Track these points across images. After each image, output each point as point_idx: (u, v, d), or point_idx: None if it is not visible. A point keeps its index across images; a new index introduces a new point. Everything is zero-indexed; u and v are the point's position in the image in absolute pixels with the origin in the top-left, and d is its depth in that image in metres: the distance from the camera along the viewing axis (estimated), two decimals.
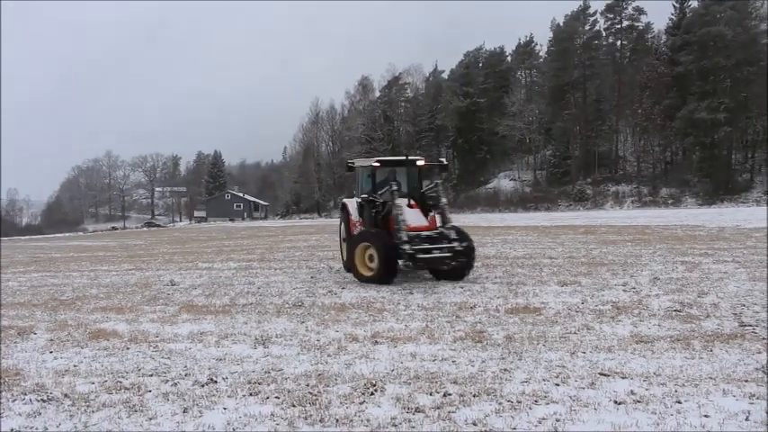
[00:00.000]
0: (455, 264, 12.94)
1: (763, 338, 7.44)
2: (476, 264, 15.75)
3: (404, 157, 14.69)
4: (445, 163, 16.51)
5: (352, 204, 15.07)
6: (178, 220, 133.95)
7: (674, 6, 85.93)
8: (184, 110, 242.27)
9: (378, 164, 14.64)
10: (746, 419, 4.88)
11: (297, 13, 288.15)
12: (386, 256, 12.78)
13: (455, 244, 12.88)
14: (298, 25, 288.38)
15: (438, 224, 13.68)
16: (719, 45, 72.97)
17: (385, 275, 12.89)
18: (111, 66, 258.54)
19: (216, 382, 6.34)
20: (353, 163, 15.33)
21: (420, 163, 14.88)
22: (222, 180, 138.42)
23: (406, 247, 12.48)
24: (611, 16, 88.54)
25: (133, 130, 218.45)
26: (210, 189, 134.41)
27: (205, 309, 10.89)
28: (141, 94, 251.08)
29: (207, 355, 7.50)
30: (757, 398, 5.34)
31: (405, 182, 14.87)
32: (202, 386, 6.20)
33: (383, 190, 14.37)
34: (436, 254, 12.72)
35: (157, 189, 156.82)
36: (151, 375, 6.65)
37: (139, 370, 6.88)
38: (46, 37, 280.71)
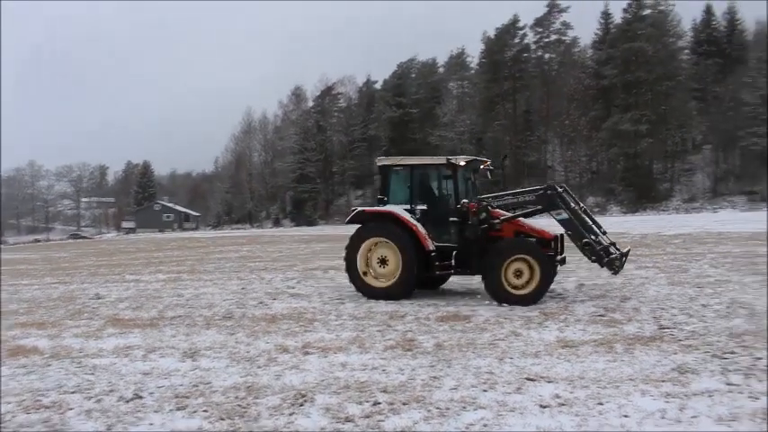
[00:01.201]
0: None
1: (680, 340, 7.75)
2: None
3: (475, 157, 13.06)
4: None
5: (403, 213, 12.11)
6: (105, 231, 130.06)
7: (599, 22, 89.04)
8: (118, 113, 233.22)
9: (464, 162, 12.39)
10: (662, 418, 5.08)
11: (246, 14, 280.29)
12: (550, 271, 11.28)
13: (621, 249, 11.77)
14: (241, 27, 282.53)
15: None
16: (641, 60, 75.84)
17: (545, 292, 11.24)
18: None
19: (142, 397, 6.19)
20: (456, 160, 12.17)
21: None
22: (152, 190, 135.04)
23: (614, 253, 11.19)
24: (540, 30, 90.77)
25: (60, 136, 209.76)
26: (139, 199, 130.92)
27: (132, 322, 10.62)
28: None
29: (133, 369, 7.32)
30: (672, 397, 5.57)
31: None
32: (127, 402, 6.05)
33: (510, 192, 12.67)
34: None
35: (84, 199, 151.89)
36: (73, 392, 6.44)
37: (61, 387, 6.65)
38: None
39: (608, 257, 11.17)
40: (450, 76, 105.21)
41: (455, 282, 13.92)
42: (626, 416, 5.16)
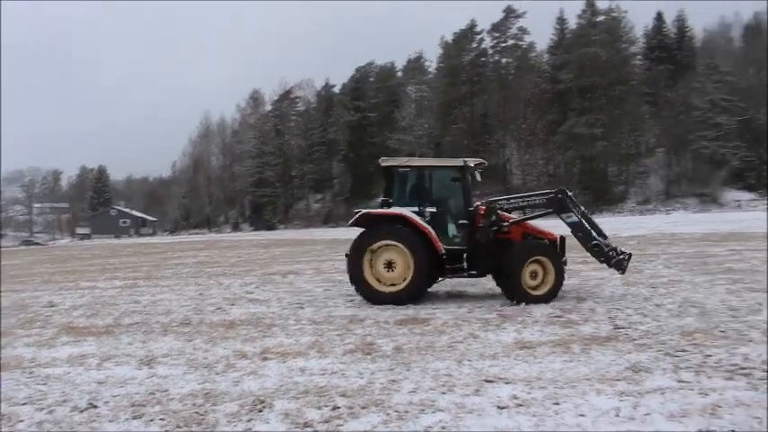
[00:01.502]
0: None
1: (634, 339, 7.91)
2: None
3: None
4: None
5: (413, 215, 11.75)
6: (59, 237, 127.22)
7: (554, 28, 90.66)
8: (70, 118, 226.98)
9: (474, 164, 12.54)
10: (617, 416, 5.18)
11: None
12: (563, 271, 11.65)
13: None
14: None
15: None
16: (595, 65, 77.42)
17: (558, 291, 11.54)
18: None
19: (96, 406, 6.07)
20: (469, 162, 12.27)
21: None
22: (107, 195, 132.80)
23: (621, 254, 11.75)
24: (497, 35, 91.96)
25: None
26: (95, 205, 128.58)
27: (86, 330, 10.40)
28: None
29: (87, 378, 7.17)
30: (627, 395, 5.69)
31: None
32: (81, 412, 5.93)
33: (519, 195, 13.07)
34: None
35: (36, 205, 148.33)
36: (24, 404, 6.27)
37: (10, 399, 6.47)
38: None
39: (616, 258, 11.64)
40: (408, 80, 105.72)
41: None
42: (582, 415, 5.25)
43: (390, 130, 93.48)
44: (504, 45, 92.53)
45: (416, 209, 11.93)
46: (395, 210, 11.93)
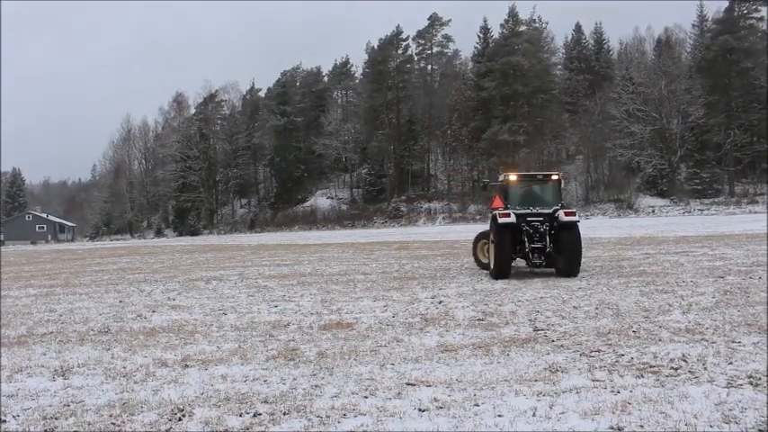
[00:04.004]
0: None
1: (552, 340, 8.14)
2: (291, 282, 15.94)
3: None
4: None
5: None
6: None
7: (478, 36, 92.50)
8: None
9: None
10: (533, 415, 5.31)
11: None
12: None
13: None
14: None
15: None
16: (518, 74, 79.45)
17: None
18: None
19: (5, 421, 5.80)
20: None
21: None
22: (22, 200, 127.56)
23: None
24: (423, 42, 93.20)
25: None
26: (8, 210, 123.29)
27: None
28: None
29: None
30: (544, 395, 5.83)
31: None
32: None
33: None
34: None
35: None
36: None
37: None
38: None
39: None
40: (334, 86, 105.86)
41: (339, 291, 14.02)
42: (500, 415, 5.35)
43: (316, 134, 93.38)
44: (429, 52, 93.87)
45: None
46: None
